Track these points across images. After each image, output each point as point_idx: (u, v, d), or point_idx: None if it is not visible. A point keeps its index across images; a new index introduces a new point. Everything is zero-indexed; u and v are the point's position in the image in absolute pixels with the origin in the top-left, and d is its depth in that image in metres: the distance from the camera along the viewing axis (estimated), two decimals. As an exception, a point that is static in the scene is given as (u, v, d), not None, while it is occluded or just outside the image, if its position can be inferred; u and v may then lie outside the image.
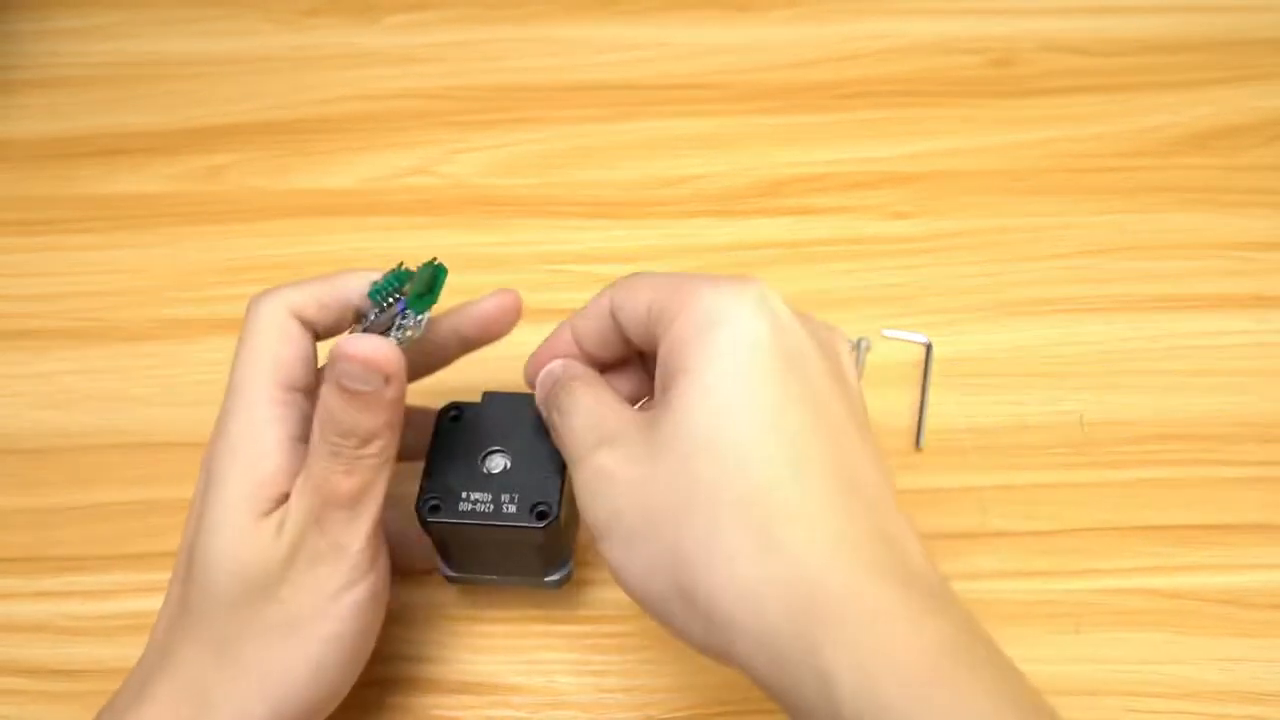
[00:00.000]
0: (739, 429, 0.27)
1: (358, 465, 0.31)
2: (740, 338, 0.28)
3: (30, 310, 0.49)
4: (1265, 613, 0.40)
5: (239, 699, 0.31)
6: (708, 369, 0.28)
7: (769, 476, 0.27)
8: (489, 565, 0.37)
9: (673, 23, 0.59)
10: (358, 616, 0.32)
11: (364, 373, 0.30)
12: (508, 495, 0.35)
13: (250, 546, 0.31)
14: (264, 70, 0.58)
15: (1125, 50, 0.57)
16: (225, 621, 0.31)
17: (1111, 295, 0.48)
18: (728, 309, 0.28)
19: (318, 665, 0.32)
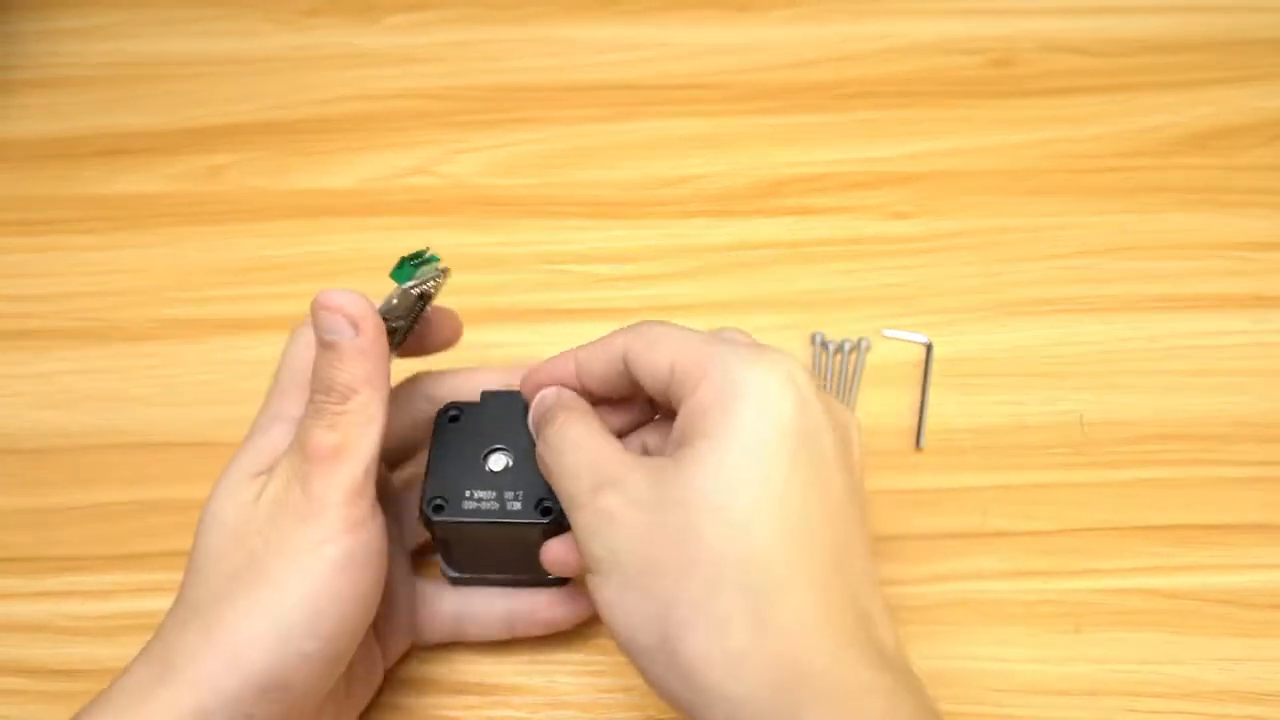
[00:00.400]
0: (749, 500, 0.28)
1: (339, 421, 0.31)
2: (764, 413, 0.29)
3: (30, 310, 0.49)
4: (1265, 613, 0.40)
5: (203, 662, 0.30)
6: (728, 438, 0.29)
7: (770, 549, 0.28)
8: (493, 564, 0.37)
9: (673, 23, 0.59)
10: (331, 576, 0.30)
11: (332, 320, 0.31)
12: (512, 493, 0.35)
13: (234, 501, 0.32)
14: (264, 70, 0.58)
15: (1125, 50, 0.57)
16: (202, 581, 0.31)
17: (1111, 295, 0.48)
18: (755, 383, 0.29)
19: (285, 625, 0.30)
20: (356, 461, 0.31)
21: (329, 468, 0.31)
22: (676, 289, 0.49)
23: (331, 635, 0.31)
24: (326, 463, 0.31)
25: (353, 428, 0.31)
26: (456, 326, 0.38)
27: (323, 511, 0.31)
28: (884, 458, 0.43)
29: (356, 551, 0.31)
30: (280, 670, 0.30)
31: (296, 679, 0.30)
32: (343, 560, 0.31)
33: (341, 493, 0.31)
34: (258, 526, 0.31)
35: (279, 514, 0.31)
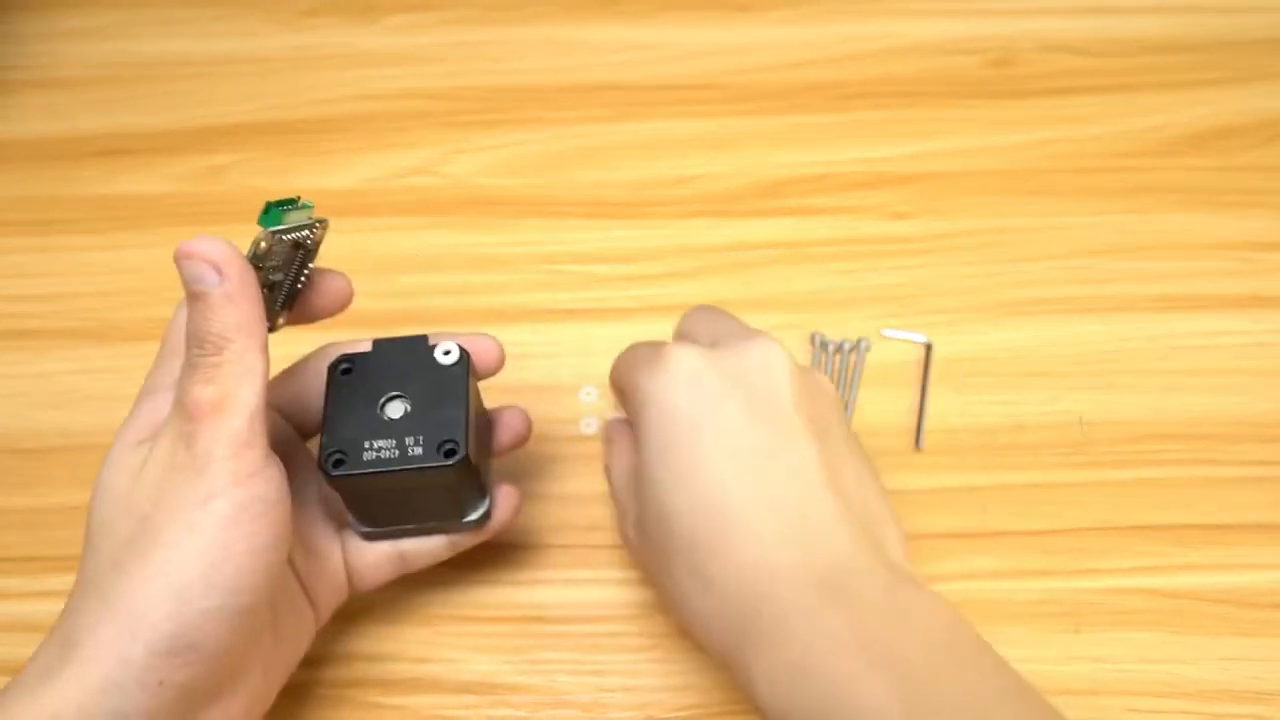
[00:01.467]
0: (669, 493, 0.32)
1: (216, 374, 0.30)
2: (658, 416, 0.33)
3: (30, 310, 0.49)
4: (1264, 612, 0.40)
5: (103, 633, 0.29)
6: (643, 450, 0.33)
7: (695, 528, 0.32)
8: (404, 514, 0.36)
9: (673, 23, 0.59)
10: (222, 530, 0.29)
11: (196, 268, 0.30)
12: (412, 438, 0.34)
13: (121, 471, 0.31)
14: (264, 71, 0.58)
15: (1124, 51, 0.57)
16: (96, 554, 0.31)
17: (1110, 295, 0.48)
18: (648, 392, 0.33)
19: (180, 584, 0.29)
20: (238, 413, 0.30)
21: (211, 423, 0.30)
22: (676, 289, 0.49)
23: (232, 590, 0.30)
24: (208, 418, 0.30)
25: (230, 379, 0.30)
26: (344, 288, 0.36)
27: (208, 466, 0.30)
28: (884, 457, 0.44)
29: (248, 503, 0.30)
30: (184, 630, 0.29)
31: (203, 637, 0.29)
32: (233, 513, 0.30)
33: (226, 446, 0.30)
34: (145, 492, 0.30)
35: (165, 476, 0.30)
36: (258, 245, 0.32)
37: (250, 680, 0.33)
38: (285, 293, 0.34)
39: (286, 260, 0.33)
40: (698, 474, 0.32)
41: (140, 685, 0.29)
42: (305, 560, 0.36)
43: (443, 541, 0.38)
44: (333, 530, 0.37)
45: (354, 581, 0.38)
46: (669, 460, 0.32)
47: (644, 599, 0.41)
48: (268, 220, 0.32)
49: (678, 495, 0.32)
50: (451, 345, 0.36)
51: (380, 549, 0.37)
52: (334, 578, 0.37)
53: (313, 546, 0.37)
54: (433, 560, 0.38)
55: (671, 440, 0.32)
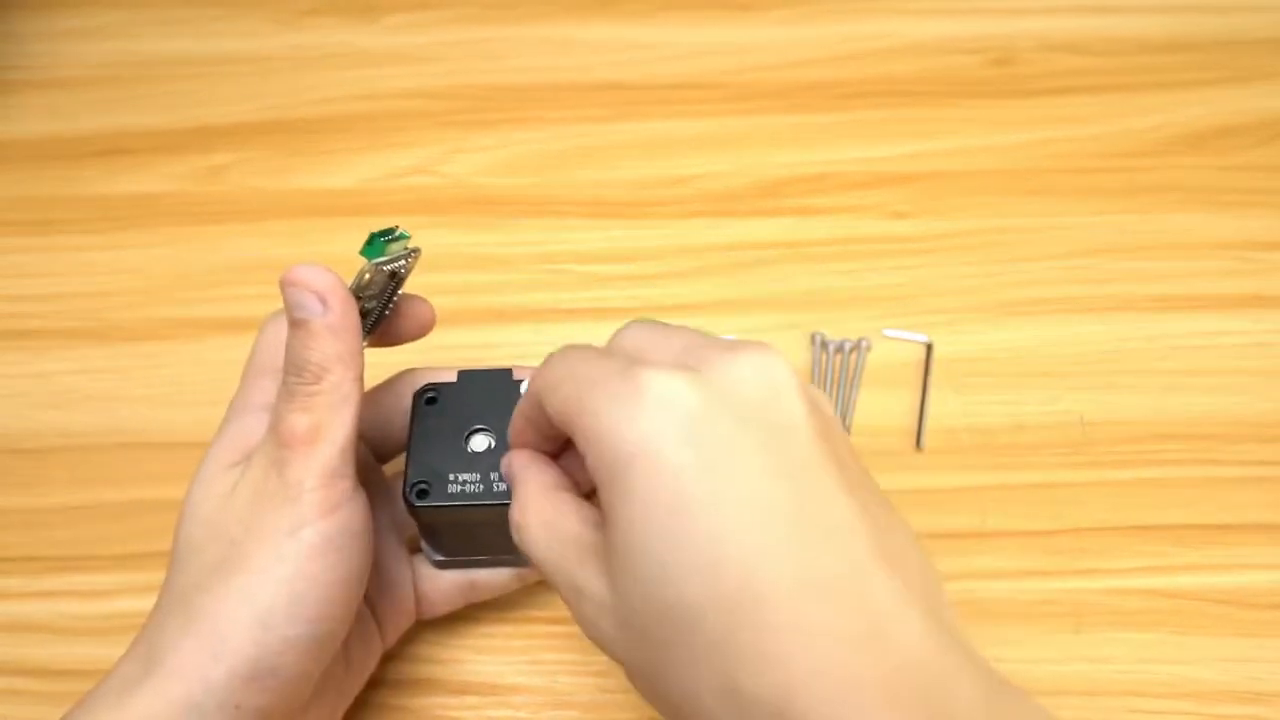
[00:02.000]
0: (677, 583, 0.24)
1: (311, 402, 0.31)
2: (650, 477, 0.24)
3: (30, 310, 0.49)
4: (1264, 612, 0.40)
5: (187, 652, 0.29)
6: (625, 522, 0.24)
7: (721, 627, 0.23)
8: (478, 547, 0.37)
9: (673, 23, 0.59)
10: (309, 560, 0.30)
11: (300, 296, 0.31)
12: (496, 473, 0.34)
13: (211, 493, 0.31)
14: (264, 70, 0.58)
15: (1123, 50, 0.57)
16: (183, 573, 0.31)
17: (1110, 295, 0.48)
18: (631, 442, 0.24)
19: (265, 610, 0.29)
20: (331, 443, 0.31)
21: (304, 451, 0.30)
22: (676, 289, 0.49)
23: (315, 619, 0.30)
24: (301, 446, 0.30)
25: (326, 409, 0.31)
26: (429, 314, 0.36)
27: (299, 496, 0.30)
28: (884, 458, 0.44)
29: (334, 535, 0.30)
30: (265, 657, 0.29)
31: (283, 664, 0.30)
32: (321, 544, 0.30)
33: (317, 476, 0.30)
34: (236, 515, 0.31)
35: (256, 501, 0.31)
36: (361, 277, 0.33)
37: (320, 707, 0.33)
38: (375, 320, 0.35)
39: (381, 289, 0.34)
40: (717, 553, 0.23)
41: (218, 707, 0.29)
42: (377, 586, 0.36)
43: (511, 574, 0.38)
44: (404, 557, 0.38)
45: (422, 608, 0.38)
46: (673, 536, 0.24)
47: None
48: (371, 252, 0.33)
49: (690, 585, 0.23)
50: None
51: (451, 577, 0.38)
52: (403, 604, 0.37)
53: (385, 572, 0.37)
54: (501, 591, 0.38)
55: (676, 509, 0.24)
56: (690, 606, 0.23)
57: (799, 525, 0.24)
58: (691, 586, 0.23)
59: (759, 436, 0.25)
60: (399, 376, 0.38)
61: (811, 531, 0.24)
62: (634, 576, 0.24)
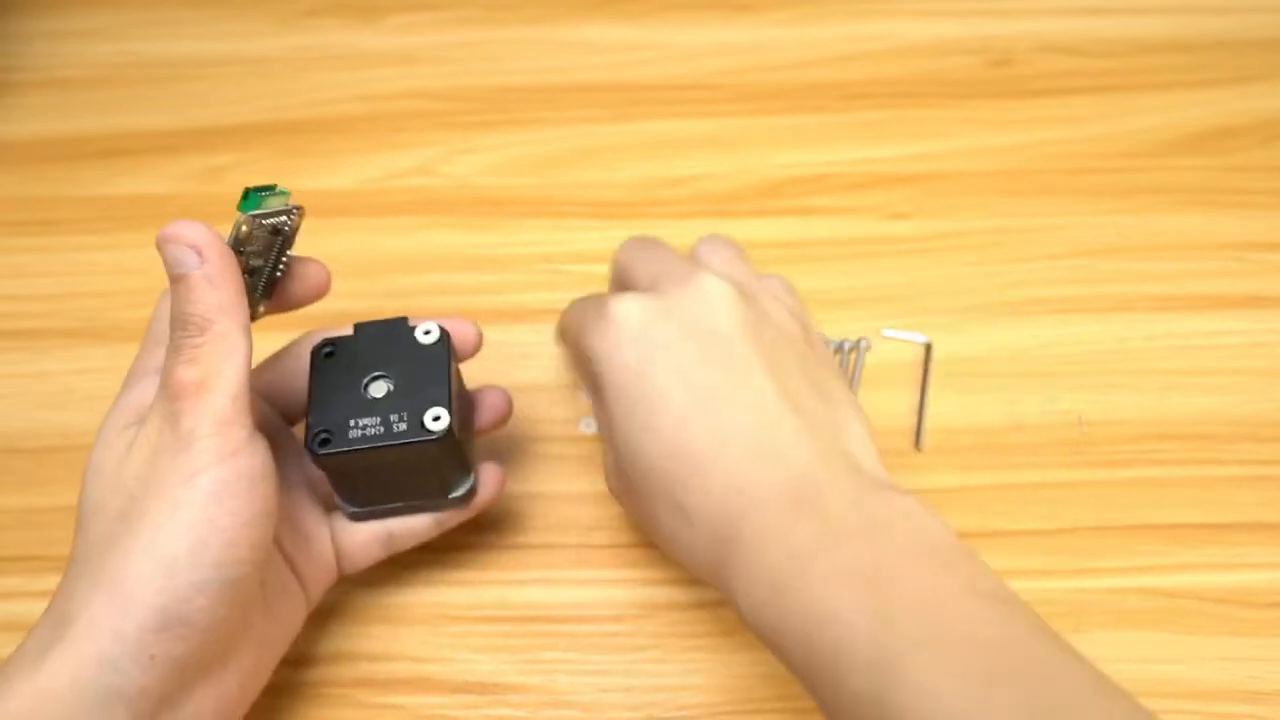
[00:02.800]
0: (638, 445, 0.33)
1: (198, 354, 0.31)
2: (611, 375, 0.34)
3: (30, 310, 0.49)
4: (1263, 612, 0.40)
5: (96, 609, 0.29)
6: (607, 407, 0.34)
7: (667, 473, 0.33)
8: (390, 493, 0.37)
9: (673, 23, 0.59)
10: (207, 505, 0.30)
11: (176, 251, 0.32)
12: (396, 415, 0.35)
13: (110, 453, 0.32)
14: (265, 71, 0.58)
15: (1123, 51, 0.57)
16: (88, 533, 0.31)
17: (1109, 295, 0.48)
18: (598, 353, 0.34)
19: (168, 559, 0.30)
20: (221, 391, 0.31)
21: (194, 401, 0.31)
22: (676, 289, 0.49)
23: (220, 563, 0.30)
24: (192, 397, 0.31)
25: (213, 359, 0.31)
26: (322, 275, 0.37)
27: (192, 444, 0.30)
28: (883, 458, 0.43)
29: (231, 479, 0.31)
30: (173, 605, 0.30)
31: (193, 611, 0.30)
32: (218, 488, 0.30)
33: (210, 424, 0.30)
34: (133, 472, 0.31)
35: (152, 457, 0.31)
36: (238, 229, 0.33)
37: (243, 657, 0.33)
38: (265, 279, 0.35)
39: (266, 246, 0.34)
40: (660, 423, 0.33)
41: (133, 660, 0.29)
42: (293, 542, 0.37)
43: (429, 520, 0.38)
44: (320, 513, 0.38)
45: (343, 563, 0.38)
46: (632, 415, 0.33)
47: (644, 599, 0.41)
48: (247, 205, 0.33)
49: (646, 445, 0.33)
50: (432, 325, 0.37)
51: (368, 529, 0.38)
52: (323, 559, 0.38)
53: (300, 528, 0.37)
54: (419, 539, 0.39)
55: (629, 396, 0.33)
56: (650, 459, 0.33)
57: (718, 398, 0.33)
58: (646, 446, 0.33)
59: (693, 337, 0.34)
60: (300, 338, 0.39)
61: (730, 402, 0.33)
62: (617, 447, 0.34)
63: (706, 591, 0.41)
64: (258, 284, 0.35)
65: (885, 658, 0.27)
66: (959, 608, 0.28)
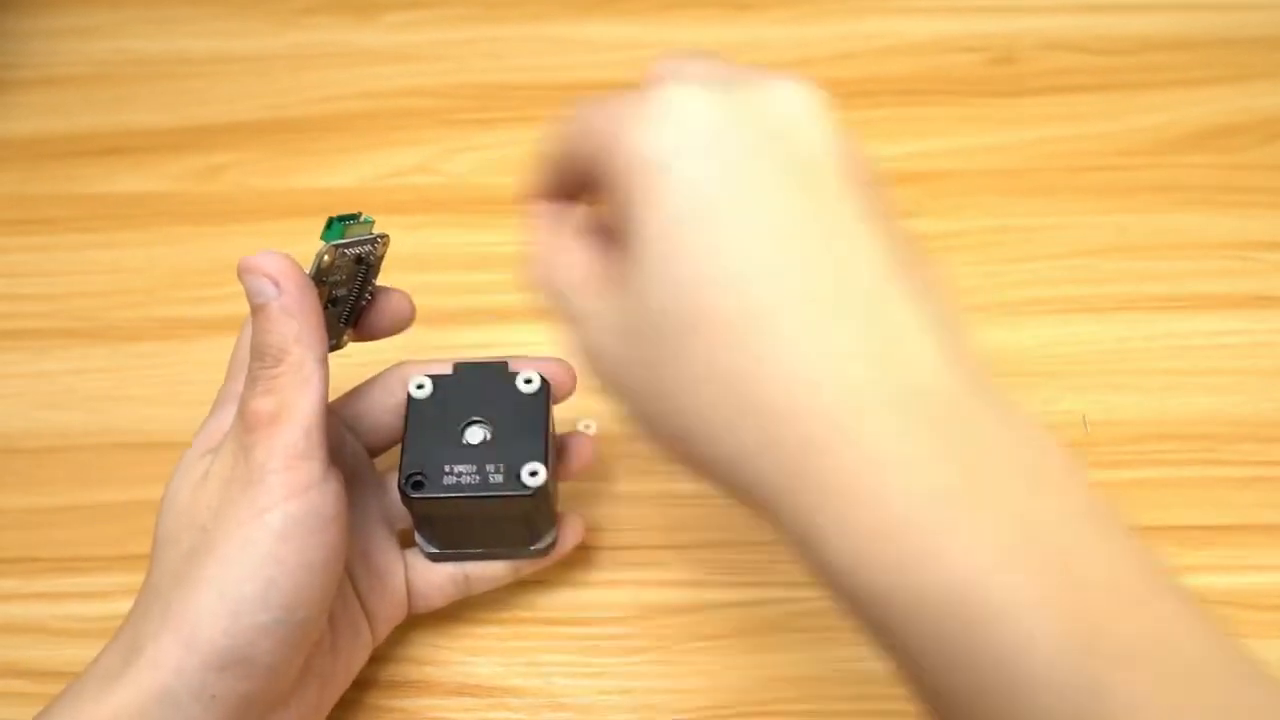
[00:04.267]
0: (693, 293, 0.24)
1: (273, 384, 0.31)
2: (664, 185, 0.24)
3: (30, 310, 0.49)
4: (1266, 613, 0.40)
5: (162, 642, 0.29)
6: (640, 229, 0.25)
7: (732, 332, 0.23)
8: (473, 539, 0.37)
9: (673, 21, 0.59)
10: (276, 544, 0.30)
11: (255, 282, 0.31)
12: (492, 465, 0.34)
13: (186, 482, 0.32)
14: (264, 69, 0.58)
15: (1125, 49, 0.56)
16: (162, 564, 0.31)
17: (1111, 295, 0.48)
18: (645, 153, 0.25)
19: (235, 599, 0.29)
20: (295, 424, 0.30)
21: (268, 433, 0.30)
22: (676, 289, 0.49)
23: (288, 606, 0.30)
24: (265, 429, 0.30)
25: (287, 390, 0.31)
26: (406, 307, 0.37)
27: (263, 478, 0.30)
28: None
29: (303, 517, 0.30)
30: (238, 646, 0.29)
31: (257, 653, 0.30)
32: (288, 527, 0.30)
33: (281, 458, 0.30)
34: (206, 502, 0.31)
35: (224, 488, 0.31)
36: (320, 259, 0.33)
37: (305, 696, 0.33)
38: (349, 309, 0.35)
39: (349, 276, 0.34)
40: (735, 267, 0.24)
41: (194, 697, 0.29)
42: (366, 578, 0.36)
43: (506, 567, 0.38)
44: (396, 550, 0.38)
45: (414, 601, 0.38)
46: (688, 251, 0.24)
47: (644, 601, 0.41)
48: (330, 235, 0.33)
49: (706, 296, 0.24)
50: (533, 374, 0.36)
51: (445, 570, 0.38)
52: (394, 596, 0.37)
53: (374, 565, 0.37)
54: (495, 584, 0.38)
55: (688, 223, 0.24)
56: (707, 313, 0.23)
57: (814, 240, 0.24)
58: (709, 295, 0.23)
59: (782, 158, 0.25)
60: (390, 370, 0.38)
61: (828, 250, 0.24)
62: (654, 286, 0.24)
63: (707, 593, 0.41)
64: (341, 313, 0.35)
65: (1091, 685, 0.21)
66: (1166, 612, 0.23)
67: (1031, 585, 0.21)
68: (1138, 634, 0.21)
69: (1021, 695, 0.21)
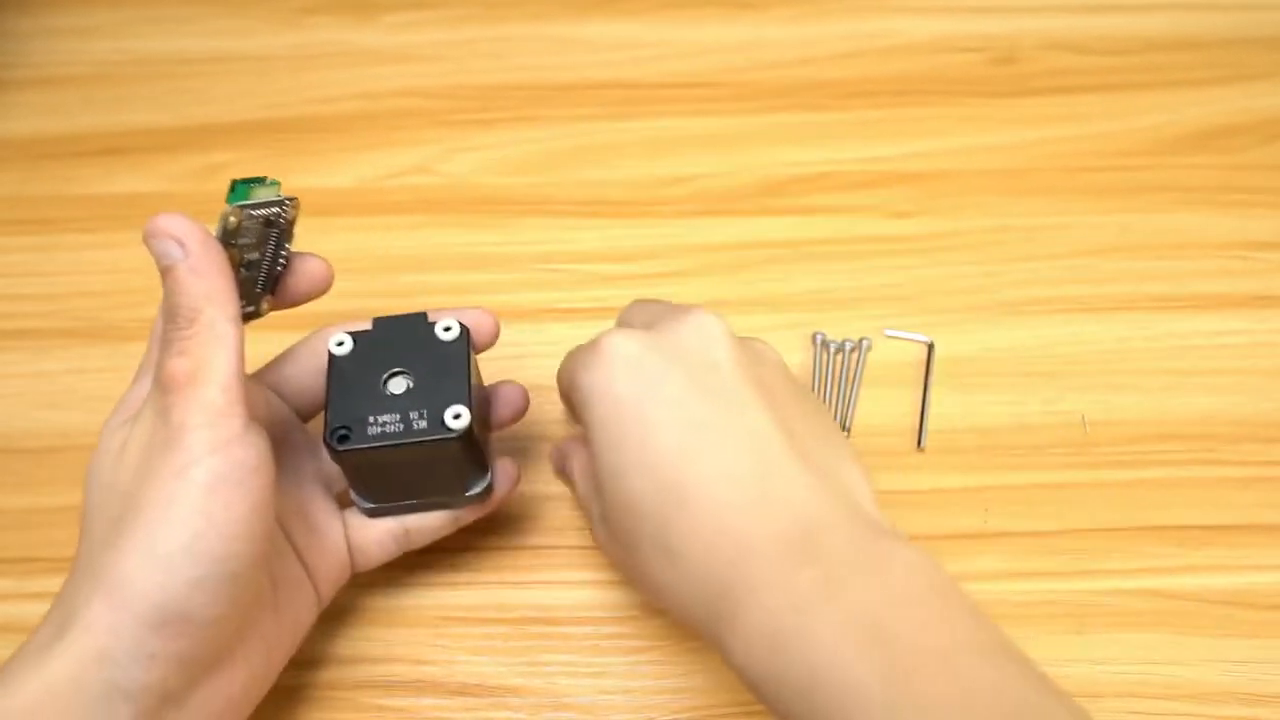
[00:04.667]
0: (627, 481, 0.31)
1: (187, 345, 0.31)
2: (602, 408, 0.32)
3: (29, 310, 0.49)
4: (1267, 613, 0.40)
5: (95, 607, 0.29)
6: (596, 446, 0.32)
7: (657, 508, 0.31)
8: (408, 490, 0.37)
9: (673, 21, 0.59)
10: (201, 498, 0.29)
11: (161, 244, 0.32)
12: (416, 412, 0.34)
13: (106, 454, 0.32)
14: (263, 69, 0.57)
15: (1126, 49, 0.56)
16: (90, 534, 0.31)
17: (1112, 295, 0.48)
18: (589, 387, 0.32)
19: (164, 555, 0.29)
20: (212, 382, 0.30)
21: (185, 393, 0.30)
22: (676, 289, 0.49)
23: (218, 558, 0.30)
24: (182, 389, 0.30)
25: (202, 348, 0.31)
26: (323, 270, 0.37)
27: (183, 436, 0.30)
28: (885, 458, 0.43)
29: (226, 471, 0.30)
30: (172, 601, 0.29)
31: (192, 608, 0.30)
32: (211, 481, 0.30)
33: (201, 414, 0.30)
34: (129, 467, 0.31)
35: (146, 451, 0.31)
36: (225, 220, 0.33)
37: (250, 655, 0.33)
38: (264, 273, 0.35)
39: (260, 239, 0.34)
40: (652, 456, 0.31)
41: (132, 657, 0.29)
42: (306, 537, 0.36)
43: (445, 516, 0.38)
44: (333, 508, 0.38)
45: (356, 559, 0.38)
46: (622, 449, 0.31)
47: (644, 600, 0.41)
48: (235, 197, 0.33)
49: (636, 481, 0.31)
50: (452, 321, 0.37)
51: (383, 525, 0.38)
52: (335, 555, 0.37)
53: (313, 524, 0.37)
54: (435, 536, 0.38)
55: (620, 429, 0.31)
56: (637, 497, 0.31)
57: (713, 430, 0.31)
58: (634, 482, 0.31)
59: (687, 370, 0.32)
60: (315, 332, 0.38)
61: (726, 435, 0.31)
62: (607, 486, 0.32)
63: (707, 593, 0.41)
64: (256, 277, 0.34)
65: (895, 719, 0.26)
66: (965, 665, 0.28)
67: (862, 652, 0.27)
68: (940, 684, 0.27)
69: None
